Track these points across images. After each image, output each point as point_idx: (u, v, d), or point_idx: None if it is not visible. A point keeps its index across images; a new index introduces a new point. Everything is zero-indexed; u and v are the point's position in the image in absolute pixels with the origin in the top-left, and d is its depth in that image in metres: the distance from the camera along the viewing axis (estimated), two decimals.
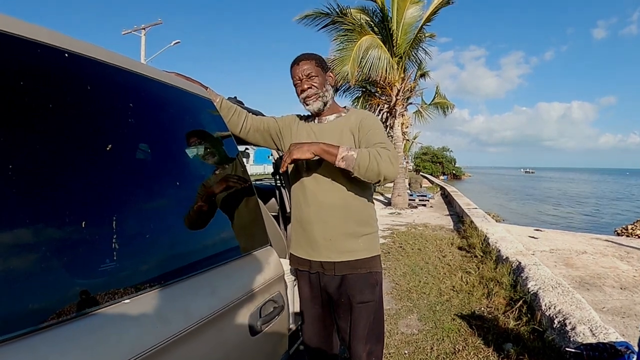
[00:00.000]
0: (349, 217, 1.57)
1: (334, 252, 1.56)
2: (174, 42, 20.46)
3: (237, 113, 1.71)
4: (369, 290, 1.58)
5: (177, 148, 1.30)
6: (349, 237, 1.57)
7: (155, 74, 1.24)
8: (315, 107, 1.62)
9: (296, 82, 1.63)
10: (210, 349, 1.05)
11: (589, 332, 2.52)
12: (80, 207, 0.85)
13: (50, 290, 0.76)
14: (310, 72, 1.60)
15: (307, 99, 1.61)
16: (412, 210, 12.12)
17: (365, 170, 1.40)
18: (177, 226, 1.16)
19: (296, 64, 1.62)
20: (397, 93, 12.66)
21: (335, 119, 1.67)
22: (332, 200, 1.56)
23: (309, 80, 1.60)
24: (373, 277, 1.60)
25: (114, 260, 0.87)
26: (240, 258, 1.35)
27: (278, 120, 1.78)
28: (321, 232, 1.57)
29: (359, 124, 1.60)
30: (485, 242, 5.77)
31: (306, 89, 1.60)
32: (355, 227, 1.58)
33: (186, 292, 1.04)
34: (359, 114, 1.65)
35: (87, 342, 0.76)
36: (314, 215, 1.58)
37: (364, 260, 1.58)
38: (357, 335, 1.57)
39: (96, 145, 0.93)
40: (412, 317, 3.47)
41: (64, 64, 0.90)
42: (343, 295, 1.59)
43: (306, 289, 1.67)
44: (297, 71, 1.61)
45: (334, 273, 1.57)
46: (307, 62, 1.61)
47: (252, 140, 1.79)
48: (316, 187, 1.58)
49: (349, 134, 1.60)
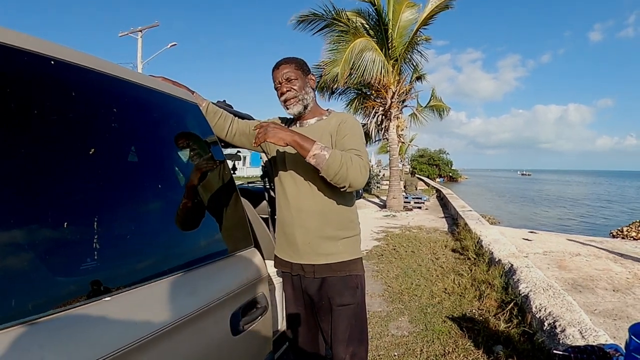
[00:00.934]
0: (327, 222, 1.57)
1: (313, 255, 1.57)
2: (171, 45, 20.50)
3: (223, 117, 1.71)
4: (349, 293, 1.58)
5: (161, 151, 1.32)
6: (328, 240, 1.57)
7: (139, 78, 1.26)
8: (295, 110, 1.63)
9: (276, 86, 1.63)
10: (191, 346, 1.08)
11: (579, 335, 2.52)
12: (62, 208, 0.88)
13: (32, 288, 0.78)
14: (290, 75, 1.61)
15: (286, 101, 1.62)
16: (407, 212, 12.13)
17: (334, 175, 1.39)
18: (158, 227, 1.19)
19: (276, 68, 1.63)
20: (393, 96, 12.69)
21: (316, 122, 1.67)
22: (310, 205, 1.57)
23: (288, 83, 1.61)
24: (353, 280, 1.59)
25: (94, 259, 0.90)
26: (222, 259, 1.36)
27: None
28: (300, 235, 1.57)
29: (337, 126, 1.60)
30: (478, 245, 5.79)
31: (285, 92, 1.61)
32: (334, 231, 1.58)
33: (166, 291, 1.07)
34: (339, 117, 1.65)
35: (65, 338, 0.78)
36: (293, 218, 1.59)
37: (344, 263, 1.58)
38: (337, 338, 1.57)
39: (80, 149, 0.96)
40: (402, 319, 3.47)
41: (49, 71, 0.93)
42: (323, 297, 1.59)
43: (290, 290, 1.68)
44: (277, 75, 1.62)
45: (314, 275, 1.58)
46: (286, 65, 1.62)
47: (239, 144, 1.80)
48: (295, 191, 1.59)
49: (328, 136, 1.60)
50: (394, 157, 13.23)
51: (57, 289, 0.83)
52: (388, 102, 12.79)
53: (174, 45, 20.54)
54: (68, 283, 0.86)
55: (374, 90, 13.16)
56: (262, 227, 2.17)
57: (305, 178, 1.57)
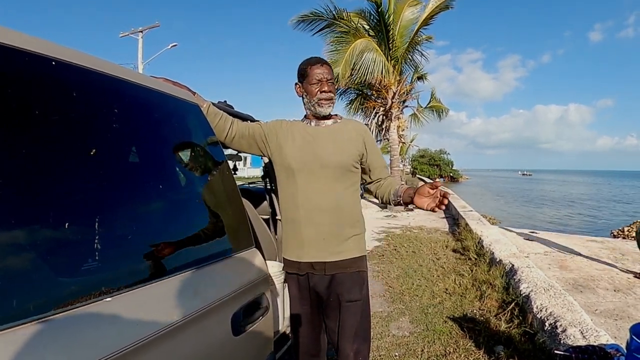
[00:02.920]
0: (341, 219, 1.62)
1: (325, 252, 1.60)
2: (171, 45, 20.49)
3: (223, 119, 1.71)
4: (357, 289, 1.64)
5: (162, 152, 1.33)
6: (340, 238, 1.62)
7: (140, 79, 1.26)
8: (328, 111, 1.68)
9: (316, 82, 1.65)
10: (193, 347, 1.08)
11: (580, 335, 2.52)
12: (63, 208, 0.89)
13: (33, 288, 0.78)
14: (331, 77, 1.67)
15: (324, 100, 1.66)
16: (407, 213, 12.11)
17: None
18: (160, 228, 1.19)
19: (320, 64, 1.67)
20: (393, 96, 12.69)
21: (332, 124, 1.72)
22: (323, 203, 1.60)
23: (329, 84, 1.66)
24: (360, 276, 1.66)
25: (96, 259, 0.91)
26: (223, 259, 1.37)
27: (263, 125, 1.78)
28: (313, 233, 1.60)
29: (363, 139, 1.72)
30: (479, 245, 5.78)
31: (328, 91, 1.65)
32: (346, 229, 1.64)
33: (167, 292, 1.07)
34: (356, 127, 1.76)
35: (66, 338, 0.78)
36: (304, 217, 1.61)
37: (353, 260, 1.64)
38: (345, 334, 1.61)
39: (81, 150, 0.96)
40: (403, 320, 3.47)
41: (50, 72, 0.93)
42: (332, 294, 1.63)
43: (295, 291, 1.69)
44: (319, 71, 1.65)
45: (324, 273, 1.62)
46: (328, 67, 1.69)
47: (237, 147, 1.80)
48: (307, 189, 1.61)
49: (359, 139, 1.71)
50: (394, 157, 13.22)
51: (59, 289, 0.84)
52: (389, 103, 12.78)
53: (175, 45, 20.53)
54: (69, 283, 0.86)
55: (375, 90, 13.15)
56: (262, 228, 2.17)
57: (319, 176, 1.62)
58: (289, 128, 1.72)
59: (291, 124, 1.75)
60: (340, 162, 1.63)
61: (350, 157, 1.65)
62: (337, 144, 1.65)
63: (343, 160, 1.63)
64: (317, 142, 1.65)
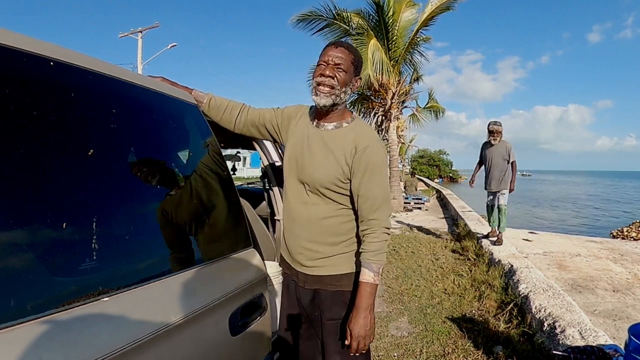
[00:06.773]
0: (319, 236, 1.47)
1: (298, 265, 1.52)
2: (171, 45, 20.51)
3: (229, 110, 1.62)
4: (338, 308, 1.48)
5: (159, 152, 1.33)
6: (317, 255, 1.48)
7: (137, 79, 1.26)
8: (323, 102, 1.39)
9: (320, 64, 1.42)
10: (190, 347, 1.08)
11: (579, 335, 2.52)
12: (60, 208, 0.89)
13: (30, 288, 0.78)
14: (341, 63, 1.39)
15: (321, 86, 1.39)
16: (407, 213, 12.12)
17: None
18: (158, 228, 1.19)
19: (334, 46, 1.42)
20: (393, 96, 12.69)
21: (333, 129, 1.47)
22: (303, 216, 1.49)
23: (334, 69, 1.39)
24: (344, 295, 1.48)
25: (93, 259, 0.91)
26: (221, 260, 1.36)
27: (277, 112, 1.63)
28: (292, 244, 1.53)
29: (354, 151, 1.40)
30: (478, 245, 5.78)
31: (328, 76, 1.38)
32: (324, 247, 1.47)
33: (165, 292, 1.07)
34: (359, 137, 1.43)
35: (63, 338, 0.78)
36: (287, 224, 1.56)
37: (332, 277, 1.48)
38: (329, 351, 1.52)
39: (78, 151, 0.96)
40: (402, 320, 3.47)
41: (48, 72, 0.93)
42: (315, 309, 1.53)
43: (286, 293, 1.64)
44: (329, 53, 1.40)
45: (305, 286, 1.52)
46: (345, 51, 1.41)
47: (249, 134, 1.69)
48: (294, 200, 1.52)
49: (334, 156, 1.42)
50: (394, 157, 13.22)
51: (56, 289, 0.84)
52: (388, 103, 12.78)
53: (174, 45, 20.55)
54: (67, 283, 0.87)
55: (374, 90, 13.15)
56: (261, 228, 2.17)
57: (303, 188, 1.49)
58: (301, 121, 1.56)
59: (304, 117, 1.57)
60: (319, 180, 1.41)
61: (330, 176, 1.40)
62: (327, 157, 1.42)
63: (322, 178, 1.41)
64: (309, 149, 1.46)
